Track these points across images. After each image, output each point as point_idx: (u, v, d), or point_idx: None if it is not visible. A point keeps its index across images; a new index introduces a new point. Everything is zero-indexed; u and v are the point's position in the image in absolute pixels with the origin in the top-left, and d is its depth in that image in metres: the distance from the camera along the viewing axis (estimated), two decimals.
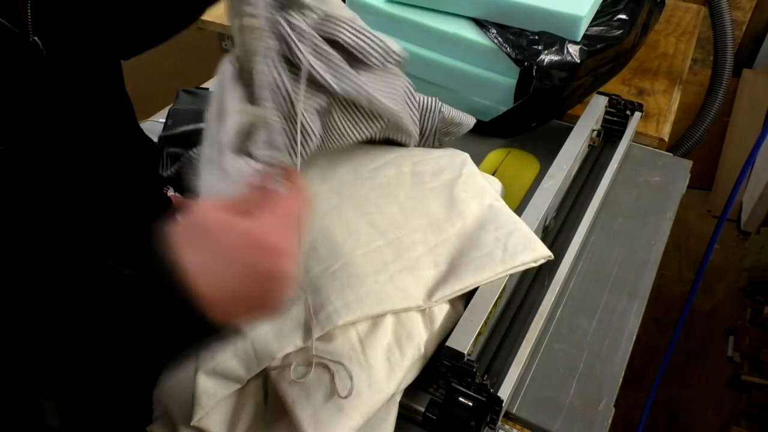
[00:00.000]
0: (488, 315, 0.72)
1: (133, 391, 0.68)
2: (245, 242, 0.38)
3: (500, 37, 1.03)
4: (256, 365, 0.66)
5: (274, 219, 0.40)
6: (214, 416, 0.65)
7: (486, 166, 1.09)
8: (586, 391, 0.75)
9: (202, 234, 0.38)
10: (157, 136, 1.14)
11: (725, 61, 1.34)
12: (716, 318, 2.10)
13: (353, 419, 0.62)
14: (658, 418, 1.82)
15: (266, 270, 0.38)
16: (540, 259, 0.77)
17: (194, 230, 0.39)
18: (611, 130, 1.14)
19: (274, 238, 0.39)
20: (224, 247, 0.38)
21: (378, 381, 0.64)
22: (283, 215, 0.41)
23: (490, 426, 0.70)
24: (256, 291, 0.39)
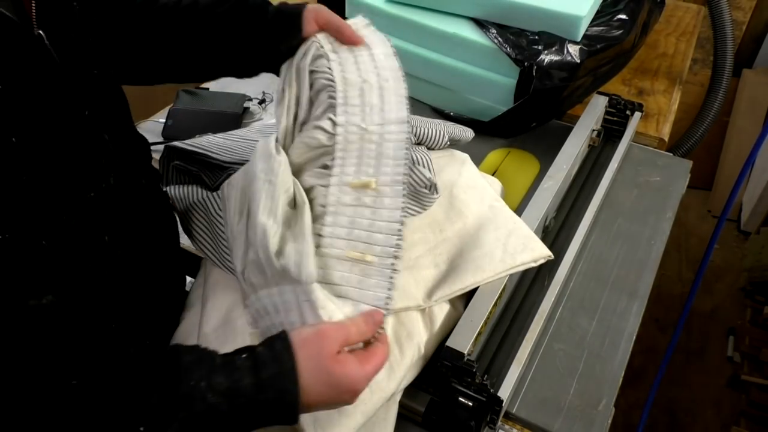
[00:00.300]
0: (488, 315, 0.72)
1: None
2: (347, 385, 0.53)
3: (500, 37, 1.03)
4: None
5: (372, 371, 0.54)
6: None
7: (486, 166, 1.09)
8: (586, 391, 0.75)
9: (319, 364, 0.51)
10: (157, 137, 1.14)
11: (725, 61, 1.34)
12: (716, 318, 2.10)
13: (353, 418, 0.62)
14: (658, 418, 1.82)
15: (345, 401, 0.54)
16: (540, 259, 0.77)
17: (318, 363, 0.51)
18: (611, 130, 1.14)
19: (365, 385, 0.54)
20: (332, 380, 0.51)
21: (378, 380, 0.64)
22: (376, 368, 0.55)
23: (490, 426, 0.70)
24: (333, 405, 0.55)
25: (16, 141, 0.47)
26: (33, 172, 0.49)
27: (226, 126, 1.13)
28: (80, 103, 0.55)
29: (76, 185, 0.54)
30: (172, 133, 1.15)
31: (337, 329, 0.55)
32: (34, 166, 0.49)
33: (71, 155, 0.53)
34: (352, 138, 0.65)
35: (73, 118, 0.54)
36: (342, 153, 0.65)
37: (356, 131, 0.65)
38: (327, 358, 0.52)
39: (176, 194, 0.78)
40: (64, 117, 0.53)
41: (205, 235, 0.75)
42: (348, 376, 0.52)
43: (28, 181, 0.48)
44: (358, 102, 0.66)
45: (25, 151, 0.48)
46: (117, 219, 0.60)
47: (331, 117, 0.65)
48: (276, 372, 0.49)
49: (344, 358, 0.53)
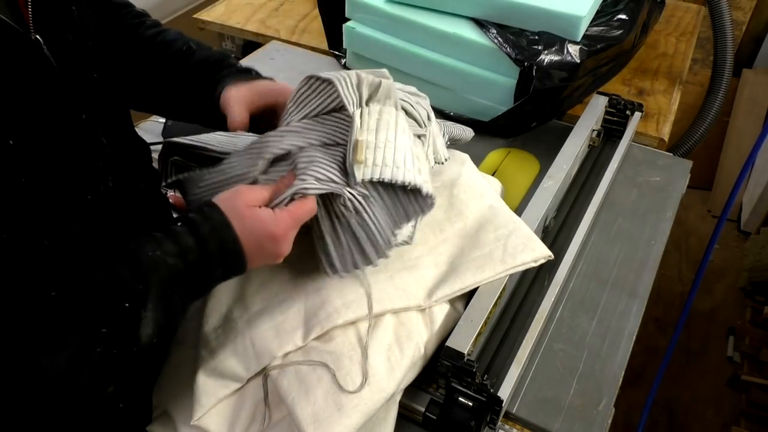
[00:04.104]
0: (488, 315, 0.72)
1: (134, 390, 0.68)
2: (261, 230, 0.59)
3: (500, 37, 1.03)
4: (256, 364, 0.66)
5: (287, 217, 0.60)
6: (214, 415, 0.65)
7: (486, 166, 1.09)
8: (586, 391, 0.75)
9: (240, 217, 0.58)
10: (156, 137, 1.14)
11: (725, 61, 1.34)
12: (716, 318, 2.10)
13: (353, 418, 0.62)
14: (658, 418, 1.82)
15: (271, 250, 0.60)
16: (540, 259, 0.77)
17: (235, 212, 0.58)
18: (611, 130, 1.14)
19: (280, 230, 0.59)
20: (247, 225, 0.58)
21: (378, 380, 0.64)
22: (293, 215, 0.60)
23: (490, 426, 0.70)
24: (266, 256, 0.61)
25: (14, 144, 0.47)
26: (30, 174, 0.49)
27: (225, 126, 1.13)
28: (77, 107, 0.56)
29: (73, 188, 0.54)
30: (172, 133, 1.14)
31: (253, 188, 0.62)
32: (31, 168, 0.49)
33: (68, 158, 0.54)
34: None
35: (70, 122, 0.55)
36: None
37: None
38: (242, 207, 0.59)
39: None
40: (61, 120, 0.53)
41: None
42: (259, 219, 0.59)
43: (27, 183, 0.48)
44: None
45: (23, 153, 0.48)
46: (116, 221, 0.60)
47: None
48: (210, 227, 0.57)
49: (257, 209, 0.59)
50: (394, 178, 0.64)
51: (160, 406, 0.69)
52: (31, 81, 0.50)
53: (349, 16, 1.20)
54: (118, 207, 0.61)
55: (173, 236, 0.56)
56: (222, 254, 0.57)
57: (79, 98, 0.56)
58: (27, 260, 0.51)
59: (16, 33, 0.49)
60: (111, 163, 0.60)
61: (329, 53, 1.37)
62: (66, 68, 0.55)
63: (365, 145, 0.66)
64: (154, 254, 0.54)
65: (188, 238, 0.56)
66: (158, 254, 0.54)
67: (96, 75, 0.60)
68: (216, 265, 0.57)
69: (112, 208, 0.60)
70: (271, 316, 0.69)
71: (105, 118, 0.60)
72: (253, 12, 1.54)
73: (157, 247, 0.54)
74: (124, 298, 0.51)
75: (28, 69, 0.50)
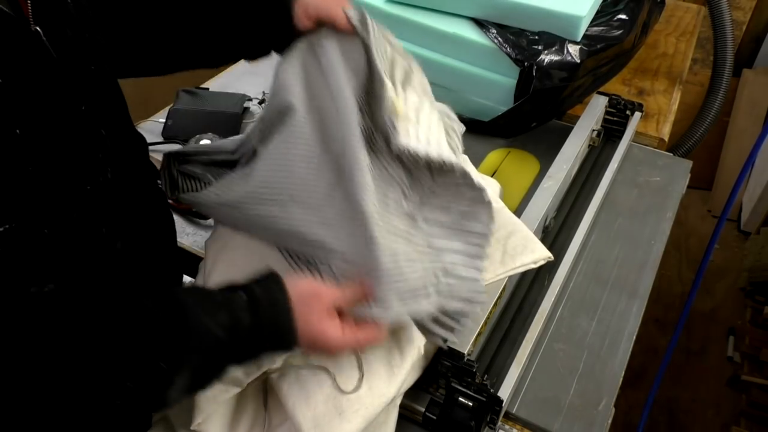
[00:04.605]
0: (488, 315, 0.72)
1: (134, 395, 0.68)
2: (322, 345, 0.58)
3: (500, 37, 1.03)
4: (256, 369, 0.66)
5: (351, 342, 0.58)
6: (214, 420, 0.65)
7: (486, 166, 1.09)
8: (586, 391, 0.75)
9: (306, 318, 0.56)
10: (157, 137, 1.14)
11: (725, 61, 1.34)
12: (716, 318, 2.10)
13: (354, 423, 0.62)
14: (658, 418, 1.82)
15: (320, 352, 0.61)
16: (540, 260, 0.77)
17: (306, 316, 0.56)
18: (611, 130, 1.14)
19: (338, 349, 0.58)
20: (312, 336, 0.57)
21: (378, 385, 0.64)
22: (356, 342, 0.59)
23: (490, 426, 0.70)
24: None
25: (20, 133, 0.48)
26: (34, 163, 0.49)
27: (226, 126, 1.13)
28: (77, 98, 0.56)
29: (73, 178, 0.55)
30: (172, 133, 1.15)
31: (332, 292, 0.59)
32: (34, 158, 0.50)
33: (68, 149, 0.54)
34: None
35: (70, 113, 0.55)
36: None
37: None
38: (314, 317, 0.57)
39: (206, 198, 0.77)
40: (60, 111, 0.54)
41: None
42: (325, 338, 0.57)
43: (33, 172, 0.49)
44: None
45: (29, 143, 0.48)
46: (114, 212, 0.60)
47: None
48: (271, 310, 0.55)
49: (328, 320, 0.58)
50: (429, 155, 0.64)
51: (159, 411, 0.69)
52: (32, 71, 0.51)
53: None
54: (116, 198, 0.61)
55: (230, 306, 0.54)
56: (273, 338, 0.56)
57: (79, 90, 0.56)
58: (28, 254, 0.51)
59: (17, 23, 0.49)
60: (110, 154, 0.60)
61: None
62: (65, 60, 0.55)
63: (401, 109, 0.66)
64: (205, 320, 0.52)
65: (245, 313, 0.54)
66: (208, 321, 0.52)
67: (93, 67, 0.60)
68: (264, 346, 0.56)
69: (111, 199, 0.60)
70: None
71: (104, 110, 0.60)
72: None
73: (209, 313, 0.53)
74: (162, 358, 0.50)
75: (29, 59, 0.50)
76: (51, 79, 0.53)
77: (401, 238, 0.63)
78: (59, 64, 0.54)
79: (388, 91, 0.66)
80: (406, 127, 0.66)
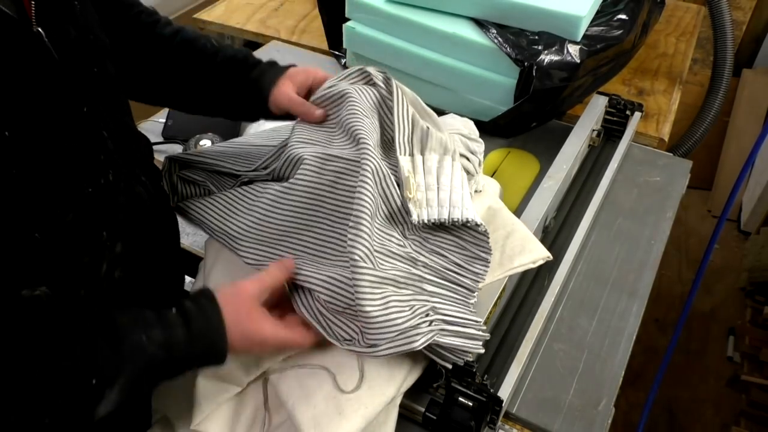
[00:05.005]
0: (488, 315, 0.72)
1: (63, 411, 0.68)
2: (258, 341, 0.60)
3: (500, 37, 1.03)
4: (256, 368, 0.66)
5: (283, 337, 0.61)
6: (214, 420, 0.65)
7: (486, 166, 1.09)
8: (586, 391, 0.75)
9: (237, 319, 0.58)
10: (157, 137, 1.14)
11: (725, 61, 1.34)
12: (716, 318, 2.10)
13: (353, 423, 0.62)
14: (658, 418, 1.82)
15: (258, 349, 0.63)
16: (539, 261, 0.77)
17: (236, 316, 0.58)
18: (611, 130, 1.14)
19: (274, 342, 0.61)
20: (246, 334, 0.59)
21: (378, 384, 0.64)
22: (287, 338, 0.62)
23: (490, 426, 0.70)
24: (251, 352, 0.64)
25: (9, 135, 0.47)
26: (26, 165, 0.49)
27: (225, 127, 1.13)
28: (79, 100, 0.56)
29: (73, 180, 0.54)
30: (172, 133, 1.15)
31: (253, 284, 0.61)
32: (29, 159, 0.49)
33: (69, 151, 0.54)
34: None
35: (72, 114, 0.55)
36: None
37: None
38: (243, 315, 0.59)
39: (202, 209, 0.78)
40: (61, 113, 0.53)
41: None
42: (260, 334, 0.59)
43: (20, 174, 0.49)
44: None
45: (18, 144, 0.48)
46: (115, 215, 0.60)
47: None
48: (204, 326, 0.57)
49: (260, 316, 0.60)
50: (452, 217, 0.68)
51: (159, 411, 0.69)
52: (32, 73, 0.50)
53: (349, 16, 1.20)
54: (118, 200, 0.61)
55: (164, 323, 0.55)
56: (207, 356, 0.57)
57: (81, 91, 0.56)
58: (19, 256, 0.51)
59: (18, 25, 0.49)
60: (112, 156, 0.60)
61: (329, 53, 1.37)
62: (67, 61, 0.55)
63: (416, 185, 0.69)
64: (139, 338, 0.53)
65: (179, 330, 0.55)
66: (143, 339, 0.53)
67: (96, 69, 0.60)
68: (197, 362, 0.58)
69: (112, 202, 0.60)
70: None
71: (106, 112, 0.60)
72: (253, 12, 1.54)
73: (143, 331, 0.53)
74: (92, 375, 0.50)
75: (29, 61, 0.50)
76: (52, 80, 0.53)
77: (395, 280, 0.65)
78: (61, 66, 0.54)
79: (401, 170, 0.69)
80: (424, 199, 0.69)
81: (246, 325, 0.58)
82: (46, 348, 0.50)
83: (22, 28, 0.50)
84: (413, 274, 0.67)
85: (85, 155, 0.56)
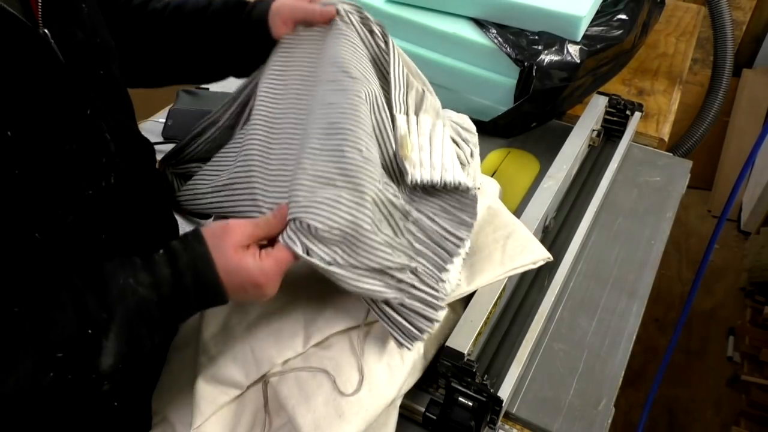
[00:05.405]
0: (488, 315, 0.72)
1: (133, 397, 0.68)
2: (245, 276, 0.57)
3: (500, 37, 1.03)
4: (256, 371, 0.66)
5: (270, 266, 0.58)
6: (214, 423, 0.65)
7: (486, 166, 1.09)
8: (586, 391, 0.75)
9: (223, 256, 0.56)
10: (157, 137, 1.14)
11: (725, 61, 1.34)
12: (716, 318, 2.10)
13: (354, 425, 0.62)
14: (658, 418, 1.82)
15: (254, 293, 0.59)
16: (539, 261, 0.77)
17: (219, 251, 0.56)
18: (611, 130, 1.14)
19: (265, 278, 0.58)
20: (231, 268, 0.56)
21: (378, 386, 0.64)
22: (276, 263, 0.58)
23: (490, 426, 0.70)
24: (249, 297, 0.59)
25: (12, 135, 0.48)
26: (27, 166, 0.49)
27: None
28: (82, 102, 0.56)
29: (74, 182, 0.54)
30: (172, 133, 1.15)
31: (243, 224, 0.59)
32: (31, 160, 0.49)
33: (71, 152, 0.54)
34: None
35: (75, 116, 0.55)
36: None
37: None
38: (228, 248, 0.56)
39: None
40: (65, 115, 0.53)
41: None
42: (244, 267, 0.56)
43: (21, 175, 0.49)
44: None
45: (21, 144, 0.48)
46: (116, 218, 0.60)
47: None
48: (189, 258, 0.55)
49: (243, 250, 0.57)
50: (444, 180, 0.67)
51: (159, 413, 0.69)
52: (37, 74, 0.51)
53: None
54: (119, 203, 0.61)
55: (150, 265, 0.54)
56: (199, 289, 0.55)
57: (85, 94, 0.56)
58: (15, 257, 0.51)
59: (24, 26, 0.49)
60: (114, 159, 0.60)
61: None
62: (73, 63, 0.55)
63: (411, 145, 0.67)
64: (126, 282, 0.52)
65: (165, 268, 0.54)
66: (130, 282, 0.53)
67: (102, 72, 0.60)
68: (191, 298, 0.56)
69: (113, 204, 0.60)
70: (270, 323, 0.68)
71: (109, 115, 0.60)
72: None
73: (131, 275, 0.53)
74: (86, 325, 0.50)
75: (34, 62, 0.50)
76: (56, 82, 0.53)
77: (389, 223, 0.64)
78: (66, 68, 0.54)
79: (398, 128, 0.68)
80: (418, 159, 0.68)
81: (230, 260, 0.56)
82: (35, 300, 0.50)
83: (29, 30, 0.50)
84: (406, 228, 0.66)
85: (87, 157, 0.56)
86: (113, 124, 0.60)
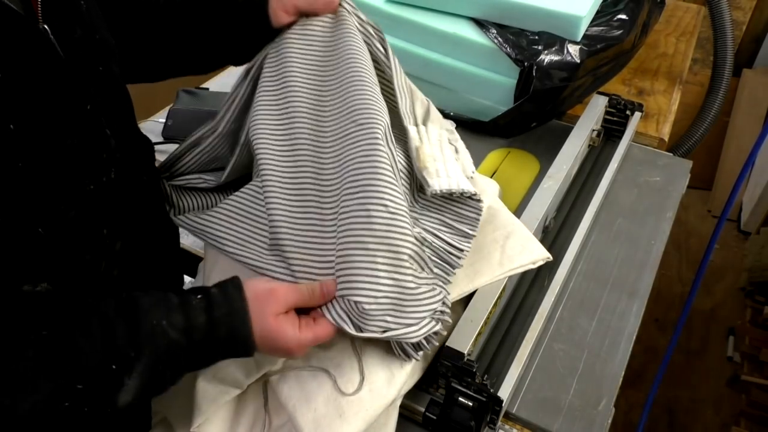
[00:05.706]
0: (488, 315, 0.72)
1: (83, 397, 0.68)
2: (281, 345, 0.57)
3: (500, 37, 1.03)
4: (256, 370, 0.65)
5: (308, 340, 0.59)
6: (215, 422, 0.65)
7: (486, 166, 1.09)
8: (586, 391, 0.75)
9: (262, 319, 0.56)
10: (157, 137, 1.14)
11: (725, 61, 1.34)
12: (716, 318, 2.10)
13: (354, 425, 0.62)
14: (658, 418, 1.82)
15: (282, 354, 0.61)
16: (538, 261, 0.77)
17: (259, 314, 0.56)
18: (611, 130, 1.14)
19: (297, 348, 0.58)
20: (268, 335, 0.57)
21: (379, 387, 0.64)
22: (314, 338, 0.59)
23: (490, 426, 0.70)
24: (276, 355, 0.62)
25: (14, 128, 0.48)
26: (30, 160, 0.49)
27: None
28: (82, 98, 0.56)
29: (75, 177, 0.55)
30: (172, 133, 1.15)
31: (288, 292, 0.59)
32: (32, 154, 0.50)
33: (71, 147, 0.54)
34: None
35: (75, 112, 0.55)
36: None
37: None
38: (269, 315, 0.56)
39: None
40: (65, 109, 0.54)
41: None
42: (282, 336, 0.57)
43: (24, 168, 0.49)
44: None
45: (22, 139, 0.49)
46: (116, 213, 0.60)
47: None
48: (226, 312, 0.55)
49: (284, 319, 0.57)
50: (460, 188, 0.68)
51: (159, 413, 0.69)
52: (37, 69, 0.51)
53: None
54: (119, 199, 0.61)
55: (185, 308, 0.54)
56: (230, 342, 0.55)
57: (85, 89, 0.56)
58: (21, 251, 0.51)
59: (24, 21, 0.49)
60: (114, 154, 0.60)
61: None
62: (72, 59, 0.55)
63: (426, 156, 0.69)
64: (159, 323, 0.52)
65: (201, 315, 0.54)
66: (163, 324, 0.52)
67: (101, 68, 0.60)
68: (220, 349, 0.56)
69: (113, 199, 0.60)
70: None
71: (109, 111, 0.60)
72: None
73: (164, 315, 0.52)
74: (111, 359, 0.50)
75: (34, 57, 0.51)
76: (56, 77, 0.53)
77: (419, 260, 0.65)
78: (66, 63, 0.54)
79: (412, 140, 0.70)
80: (434, 169, 0.69)
81: (269, 326, 0.56)
82: (63, 328, 0.49)
83: (28, 25, 0.50)
84: (427, 257, 0.66)
85: (87, 152, 0.56)
86: (113, 120, 0.61)
